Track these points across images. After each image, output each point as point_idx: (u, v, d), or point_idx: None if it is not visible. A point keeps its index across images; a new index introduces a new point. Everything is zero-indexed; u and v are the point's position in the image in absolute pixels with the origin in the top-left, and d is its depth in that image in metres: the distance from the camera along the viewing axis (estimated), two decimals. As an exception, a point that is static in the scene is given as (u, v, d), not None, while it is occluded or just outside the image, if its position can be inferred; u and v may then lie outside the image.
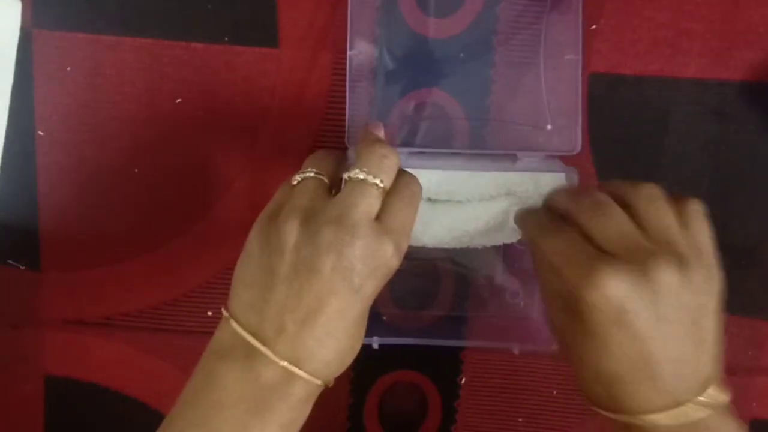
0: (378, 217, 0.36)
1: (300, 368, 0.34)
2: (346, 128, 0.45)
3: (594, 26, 0.46)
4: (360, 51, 0.45)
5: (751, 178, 0.48)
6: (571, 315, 0.35)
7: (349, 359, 0.36)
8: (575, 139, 0.45)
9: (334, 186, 0.38)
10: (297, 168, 0.47)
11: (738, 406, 0.50)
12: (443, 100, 0.46)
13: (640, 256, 0.33)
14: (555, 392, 0.50)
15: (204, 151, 0.48)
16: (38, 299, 0.49)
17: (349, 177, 0.36)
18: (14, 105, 0.47)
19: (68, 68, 0.47)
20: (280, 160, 0.48)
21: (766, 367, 0.49)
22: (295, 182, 0.38)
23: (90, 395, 0.50)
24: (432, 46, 0.46)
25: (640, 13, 0.46)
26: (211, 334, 0.49)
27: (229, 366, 0.35)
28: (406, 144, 0.46)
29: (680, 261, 0.33)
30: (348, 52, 0.44)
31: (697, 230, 0.35)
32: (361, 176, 0.36)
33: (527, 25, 0.45)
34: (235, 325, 0.35)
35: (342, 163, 0.40)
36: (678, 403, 0.33)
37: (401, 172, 0.39)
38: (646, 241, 0.34)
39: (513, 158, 0.45)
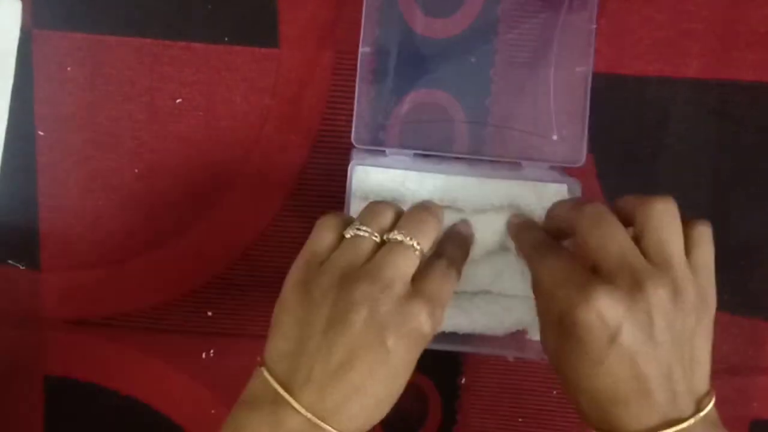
0: (413, 282, 0.36)
1: (324, 421, 0.34)
2: (353, 127, 0.45)
3: (594, 26, 0.46)
4: (364, 50, 0.45)
5: (751, 178, 0.48)
6: (565, 337, 0.35)
7: (376, 417, 0.36)
8: (580, 150, 0.45)
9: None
10: (296, 170, 0.48)
11: (738, 405, 0.50)
12: (444, 101, 0.46)
13: (636, 277, 0.34)
14: (555, 392, 0.50)
15: (204, 151, 0.48)
16: (38, 299, 0.49)
17: (387, 238, 0.37)
18: (14, 105, 0.47)
19: (68, 68, 0.47)
20: (280, 160, 0.48)
21: (766, 367, 0.49)
22: (348, 236, 0.37)
23: (90, 395, 0.50)
24: (432, 46, 0.46)
25: (640, 13, 0.46)
26: (211, 334, 0.49)
27: (254, 414, 0.35)
28: (406, 145, 0.46)
29: (675, 286, 0.34)
30: (360, 49, 0.44)
31: (699, 253, 0.35)
32: (399, 238, 0.36)
33: (532, 28, 0.45)
34: (265, 372, 0.35)
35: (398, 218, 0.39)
36: (672, 423, 0.33)
37: (445, 241, 0.40)
38: (643, 261, 0.34)
39: (517, 167, 0.45)
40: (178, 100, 0.47)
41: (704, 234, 0.36)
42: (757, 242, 0.48)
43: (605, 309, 0.33)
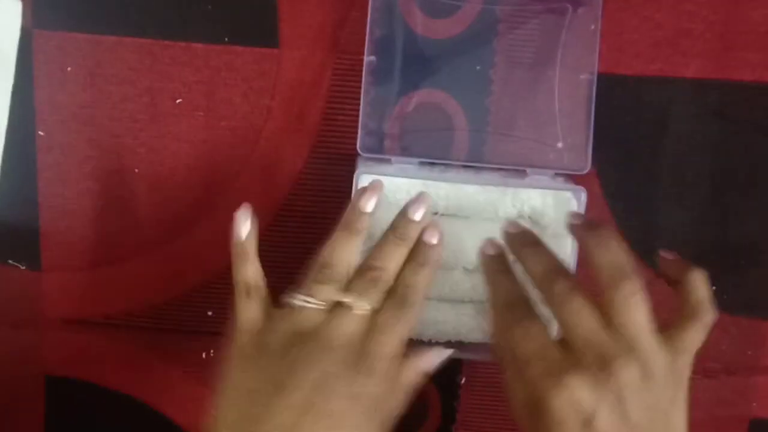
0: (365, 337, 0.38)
1: None
2: (359, 135, 0.45)
3: (599, 27, 0.46)
4: (370, 59, 0.44)
5: (751, 178, 0.48)
6: (538, 419, 0.35)
7: None
8: (585, 158, 0.45)
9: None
10: (296, 170, 0.48)
11: (737, 405, 0.50)
12: (446, 102, 0.46)
13: (603, 358, 0.34)
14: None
15: (204, 151, 0.48)
16: (38, 299, 0.49)
17: (344, 302, 0.38)
18: (15, 105, 0.47)
19: (69, 68, 0.47)
20: (280, 160, 0.48)
21: (765, 366, 0.49)
22: (297, 305, 0.38)
23: (90, 395, 0.50)
24: (431, 47, 0.45)
25: (640, 13, 0.46)
26: (211, 333, 0.49)
27: None
28: (411, 153, 0.46)
29: (643, 365, 0.34)
30: (365, 58, 0.44)
31: (687, 340, 0.36)
32: (348, 301, 0.38)
33: (533, 29, 0.45)
34: None
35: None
36: None
37: (392, 292, 0.39)
38: (609, 341, 0.35)
39: (522, 174, 0.45)
40: (178, 101, 0.47)
41: (699, 329, 0.36)
42: (755, 242, 0.48)
43: (578, 395, 0.34)
